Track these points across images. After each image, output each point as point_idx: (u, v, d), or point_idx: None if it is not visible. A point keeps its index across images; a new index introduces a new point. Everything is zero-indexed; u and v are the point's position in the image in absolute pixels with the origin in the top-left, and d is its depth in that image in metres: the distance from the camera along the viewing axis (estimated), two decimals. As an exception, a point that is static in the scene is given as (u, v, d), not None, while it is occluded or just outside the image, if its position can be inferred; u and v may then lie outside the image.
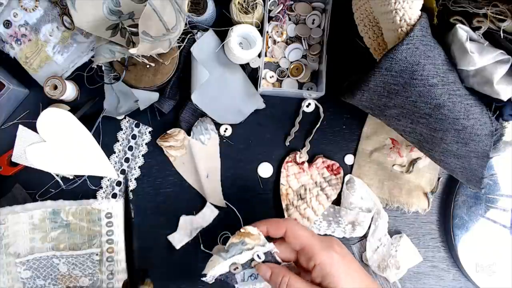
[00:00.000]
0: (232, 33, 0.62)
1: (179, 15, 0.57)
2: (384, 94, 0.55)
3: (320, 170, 0.69)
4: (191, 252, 0.69)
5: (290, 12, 0.68)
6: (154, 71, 0.64)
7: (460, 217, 0.68)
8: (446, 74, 0.51)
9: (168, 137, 0.67)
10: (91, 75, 0.66)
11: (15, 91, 0.65)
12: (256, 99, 0.68)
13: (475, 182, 0.59)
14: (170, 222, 0.69)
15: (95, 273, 0.66)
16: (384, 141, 0.70)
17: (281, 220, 0.50)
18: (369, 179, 0.70)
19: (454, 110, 0.52)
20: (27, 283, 0.65)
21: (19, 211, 0.65)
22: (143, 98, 0.65)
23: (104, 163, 0.67)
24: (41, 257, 0.65)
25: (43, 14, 0.65)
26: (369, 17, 0.58)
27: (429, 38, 0.50)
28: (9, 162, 0.66)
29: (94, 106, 0.68)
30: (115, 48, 0.60)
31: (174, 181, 0.70)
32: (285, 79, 0.69)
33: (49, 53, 0.66)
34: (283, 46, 0.68)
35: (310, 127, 0.70)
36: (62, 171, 0.66)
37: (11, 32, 0.65)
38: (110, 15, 0.60)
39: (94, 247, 0.66)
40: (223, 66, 0.67)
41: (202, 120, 0.69)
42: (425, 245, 0.71)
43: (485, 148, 0.55)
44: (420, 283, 0.71)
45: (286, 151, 0.70)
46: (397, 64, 0.50)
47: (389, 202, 0.70)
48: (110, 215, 0.67)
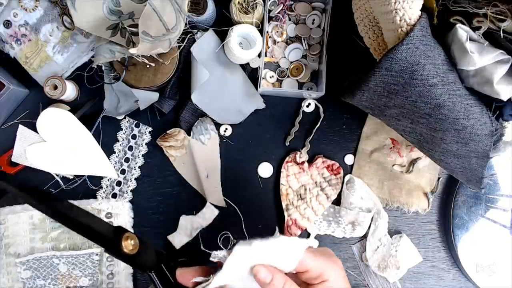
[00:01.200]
0: (232, 33, 0.62)
1: (179, 15, 0.57)
2: (384, 94, 0.55)
3: (320, 170, 0.69)
4: (191, 252, 0.69)
5: (290, 12, 0.68)
6: (154, 71, 0.64)
7: (460, 217, 0.68)
8: (446, 74, 0.51)
9: (168, 137, 0.67)
10: (91, 75, 0.66)
11: (15, 91, 0.65)
12: (256, 99, 0.68)
13: (475, 182, 0.59)
14: (170, 222, 0.69)
15: (95, 273, 0.66)
16: (384, 141, 0.70)
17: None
18: (369, 179, 0.70)
19: (454, 110, 0.52)
20: (27, 283, 0.65)
21: (19, 211, 0.65)
22: (143, 98, 0.65)
23: (104, 163, 0.67)
24: (41, 257, 0.65)
25: (43, 14, 0.65)
26: (369, 17, 0.58)
27: (429, 38, 0.50)
28: (9, 162, 0.66)
29: (94, 106, 0.68)
30: (115, 48, 0.60)
31: (174, 181, 0.70)
32: (285, 79, 0.69)
33: (49, 53, 0.66)
34: (283, 46, 0.68)
35: (310, 127, 0.70)
36: (62, 171, 0.66)
37: (11, 32, 0.65)
38: (110, 15, 0.60)
39: (94, 247, 0.66)
40: (223, 66, 0.67)
41: (202, 120, 0.69)
42: (425, 245, 0.71)
43: (485, 148, 0.55)
44: (420, 283, 0.71)
45: (286, 151, 0.70)
46: (397, 64, 0.50)
47: (389, 202, 0.70)
48: (110, 215, 0.67)
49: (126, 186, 0.69)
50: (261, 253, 0.41)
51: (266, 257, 0.41)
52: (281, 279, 0.42)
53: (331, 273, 0.43)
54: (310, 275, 0.43)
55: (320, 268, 0.43)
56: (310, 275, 0.43)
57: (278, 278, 0.42)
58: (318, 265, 0.43)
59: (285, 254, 0.42)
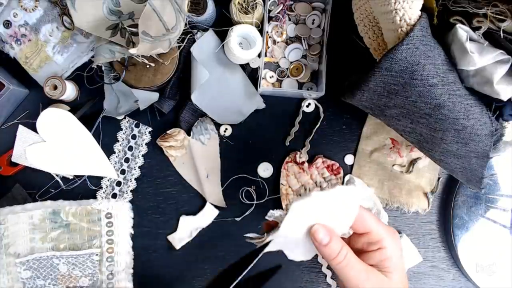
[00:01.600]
0: (232, 33, 0.62)
1: (179, 15, 0.57)
2: (384, 94, 0.55)
3: (320, 170, 0.69)
4: (191, 252, 0.69)
5: (290, 12, 0.68)
6: (154, 71, 0.64)
7: (460, 217, 0.68)
8: (446, 74, 0.51)
9: (168, 137, 0.67)
10: (91, 75, 0.66)
11: (15, 91, 0.65)
12: (256, 99, 0.68)
13: (475, 182, 0.59)
14: (170, 222, 0.69)
15: (95, 273, 0.66)
16: (384, 141, 0.70)
17: None
18: (369, 179, 0.70)
19: (454, 110, 0.52)
20: (27, 283, 0.65)
21: (19, 211, 0.65)
22: (143, 98, 0.65)
23: (104, 163, 0.67)
24: (41, 257, 0.65)
25: (43, 14, 0.65)
26: (369, 17, 0.58)
27: (429, 38, 0.50)
28: (9, 162, 0.66)
29: (94, 106, 0.68)
30: (115, 48, 0.60)
31: (174, 181, 0.70)
32: (285, 79, 0.69)
33: (49, 53, 0.66)
34: (283, 46, 0.68)
35: (310, 127, 0.70)
36: (62, 171, 0.66)
37: (11, 32, 0.65)
38: (110, 15, 0.60)
39: (94, 247, 0.66)
40: (223, 66, 0.67)
41: (202, 120, 0.69)
42: (425, 245, 0.70)
43: (485, 148, 0.55)
44: (420, 283, 0.71)
45: (286, 151, 0.70)
46: (397, 64, 0.50)
47: (389, 202, 0.70)
48: (110, 215, 0.67)
49: (126, 186, 0.69)
50: (319, 208, 0.39)
51: (324, 214, 0.39)
52: (339, 242, 0.40)
53: (390, 242, 0.42)
54: (369, 239, 0.42)
55: (381, 234, 0.42)
56: (370, 239, 0.42)
57: (335, 241, 0.40)
58: (379, 230, 0.42)
59: (341, 210, 0.40)
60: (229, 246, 0.70)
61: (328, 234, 0.40)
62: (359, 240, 0.43)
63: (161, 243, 0.69)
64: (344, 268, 0.40)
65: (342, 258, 0.40)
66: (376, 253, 0.42)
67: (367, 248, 0.43)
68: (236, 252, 0.70)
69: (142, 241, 0.69)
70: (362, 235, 0.43)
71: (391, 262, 0.42)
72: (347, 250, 0.40)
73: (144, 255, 0.69)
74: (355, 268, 0.40)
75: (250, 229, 0.70)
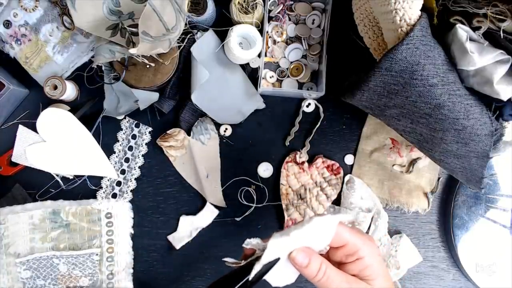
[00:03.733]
0: (232, 33, 0.62)
1: (179, 15, 0.57)
2: (384, 94, 0.55)
3: (320, 170, 0.69)
4: (191, 252, 0.69)
5: (290, 12, 0.68)
6: (154, 71, 0.64)
7: (460, 217, 0.68)
8: (446, 74, 0.51)
9: (168, 137, 0.67)
10: (91, 75, 0.66)
11: (15, 91, 0.65)
12: (256, 99, 0.68)
13: (475, 182, 0.59)
14: (170, 222, 0.69)
15: (95, 273, 0.66)
16: (384, 141, 0.70)
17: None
18: (369, 179, 0.70)
19: (454, 110, 0.52)
20: (27, 283, 0.65)
21: (19, 211, 0.65)
22: (143, 98, 0.65)
23: (104, 163, 0.67)
24: (41, 257, 0.65)
25: (43, 14, 0.65)
26: (369, 17, 0.58)
27: (429, 38, 0.50)
28: (9, 162, 0.66)
29: (94, 106, 0.68)
30: (115, 48, 0.60)
31: (174, 181, 0.70)
32: (285, 79, 0.69)
33: (49, 53, 0.66)
34: (283, 46, 0.68)
35: (310, 127, 0.70)
36: (62, 171, 0.66)
37: (11, 32, 0.65)
38: (110, 15, 0.60)
39: (94, 247, 0.66)
40: (223, 66, 0.67)
41: (202, 120, 0.69)
42: (425, 245, 0.70)
43: (485, 148, 0.55)
44: (420, 283, 0.71)
45: (286, 151, 0.70)
46: (397, 64, 0.50)
47: (389, 202, 0.70)
48: (110, 215, 0.67)
49: (126, 186, 0.69)
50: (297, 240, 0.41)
51: (301, 241, 0.41)
52: (318, 260, 0.41)
53: (367, 251, 0.42)
54: (346, 251, 0.43)
55: (357, 245, 0.42)
56: (347, 251, 0.43)
57: (314, 260, 0.41)
58: (354, 240, 0.42)
59: (319, 234, 0.41)
60: (229, 246, 0.70)
61: (306, 256, 0.41)
62: (337, 254, 0.44)
63: (161, 243, 0.69)
64: (324, 283, 0.42)
65: (321, 275, 0.41)
66: (355, 264, 0.43)
67: (345, 260, 0.43)
68: (236, 252, 0.70)
69: (142, 241, 0.69)
70: (338, 248, 0.44)
71: (371, 270, 0.42)
72: (326, 266, 0.41)
73: (144, 255, 0.69)
74: (335, 281, 0.42)
75: (250, 229, 0.70)
